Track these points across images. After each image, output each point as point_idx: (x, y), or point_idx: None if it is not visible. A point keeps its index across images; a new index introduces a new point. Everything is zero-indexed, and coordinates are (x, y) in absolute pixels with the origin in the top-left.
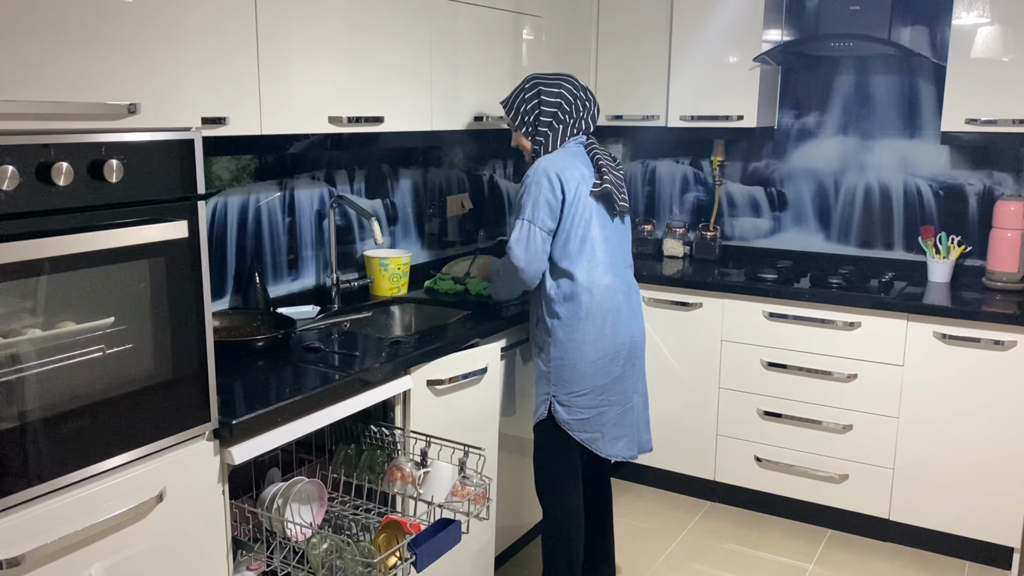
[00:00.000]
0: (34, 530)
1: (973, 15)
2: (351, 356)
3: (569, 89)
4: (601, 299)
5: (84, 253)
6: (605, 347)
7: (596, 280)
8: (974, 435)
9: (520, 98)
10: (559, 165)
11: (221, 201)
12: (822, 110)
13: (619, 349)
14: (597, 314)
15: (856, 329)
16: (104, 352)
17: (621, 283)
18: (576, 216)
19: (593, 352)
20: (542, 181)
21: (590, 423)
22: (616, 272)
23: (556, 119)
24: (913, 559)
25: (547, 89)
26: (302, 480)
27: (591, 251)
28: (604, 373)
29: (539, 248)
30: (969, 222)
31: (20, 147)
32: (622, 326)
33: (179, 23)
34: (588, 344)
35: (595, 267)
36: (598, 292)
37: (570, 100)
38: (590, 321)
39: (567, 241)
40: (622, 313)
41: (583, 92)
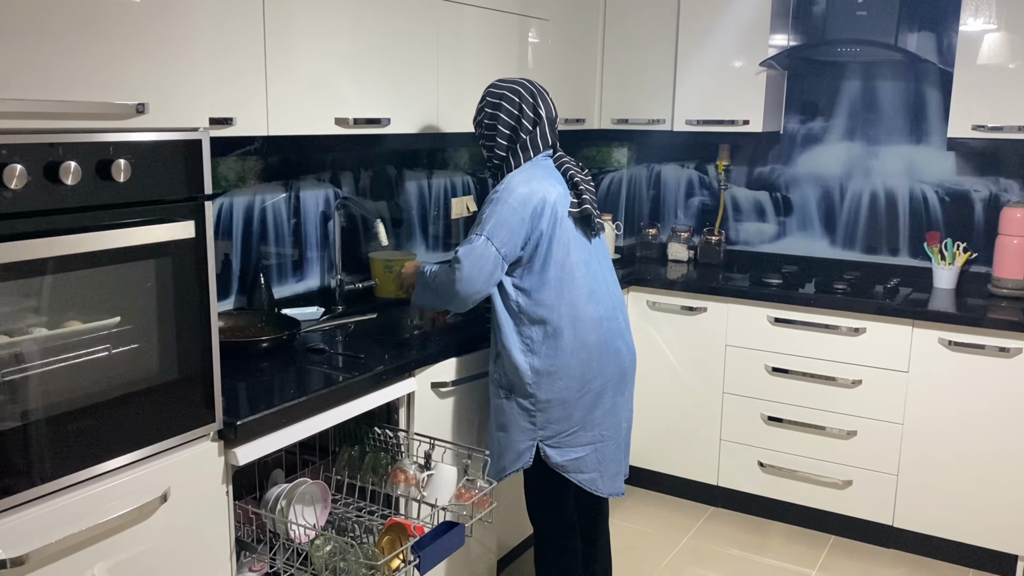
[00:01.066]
0: (38, 530)
1: (980, 21)
2: (355, 358)
3: (524, 99)
4: (585, 331)
5: (91, 252)
6: (592, 381)
7: (579, 311)
8: (979, 442)
9: (478, 107)
10: (532, 185)
11: (227, 201)
12: (828, 115)
13: (607, 381)
14: (582, 348)
15: (861, 335)
16: (110, 352)
17: (606, 308)
18: (554, 241)
19: (580, 387)
20: (511, 201)
21: (586, 462)
22: (599, 299)
23: (502, 133)
24: (917, 566)
25: (491, 100)
26: (306, 482)
27: (571, 279)
28: (593, 408)
29: (488, 270)
30: (975, 228)
31: (28, 146)
32: (609, 356)
33: (187, 23)
34: (575, 380)
35: (577, 297)
36: (581, 324)
37: (520, 113)
38: (575, 356)
39: (545, 269)
40: (608, 343)
41: (537, 98)
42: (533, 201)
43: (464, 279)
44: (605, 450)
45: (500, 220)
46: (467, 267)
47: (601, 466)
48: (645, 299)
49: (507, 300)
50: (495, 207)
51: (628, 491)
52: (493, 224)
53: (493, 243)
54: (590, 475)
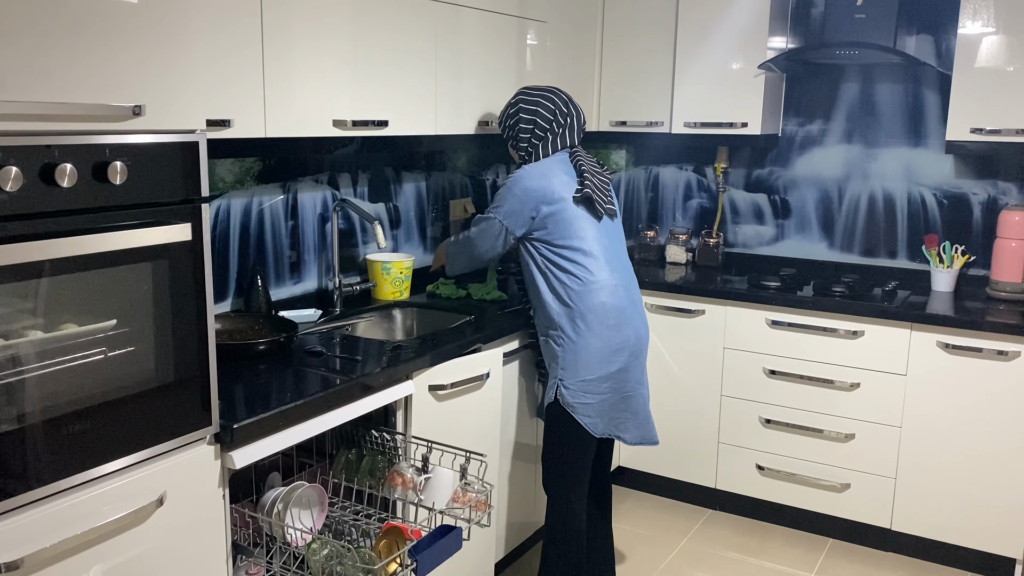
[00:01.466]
0: (34, 534)
1: (979, 24)
2: (353, 360)
3: (546, 106)
4: (604, 293)
5: (87, 255)
6: (610, 340)
7: (598, 276)
8: (977, 445)
9: (506, 112)
10: (540, 174)
11: (224, 203)
12: (826, 118)
13: (624, 343)
14: (601, 310)
15: (859, 338)
16: (106, 355)
17: (622, 278)
18: (562, 220)
19: (599, 343)
20: (514, 189)
21: (594, 408)
22: (615, 268)
23: (534, 135)
24: (914, 569)
25: (526, 106)
26: (303, 485)
27: (587, 250)
28: (608, 363)
29: (494, 237)
30: (973, 231)
31: (24, 148)
32: (626, 322)
33: (184, 25)
34: (594, 337)
35: (596, 263)
36: (600, 287)
37: (547, 117)
38: (595, 315)
39: (563, 241)
40: (626, 309)
41: (565, 106)
42: (535, 192)
43: (476, 240)
44: (613, 400)
45: (503, 203)
46: (478, 232)
47: (603, 415)
48: (643, 301)
49: (534, 260)
50: (502, 191)
51: (626, 493)
52: (498, 204)
53: (498, 218)
54: (593, 420)
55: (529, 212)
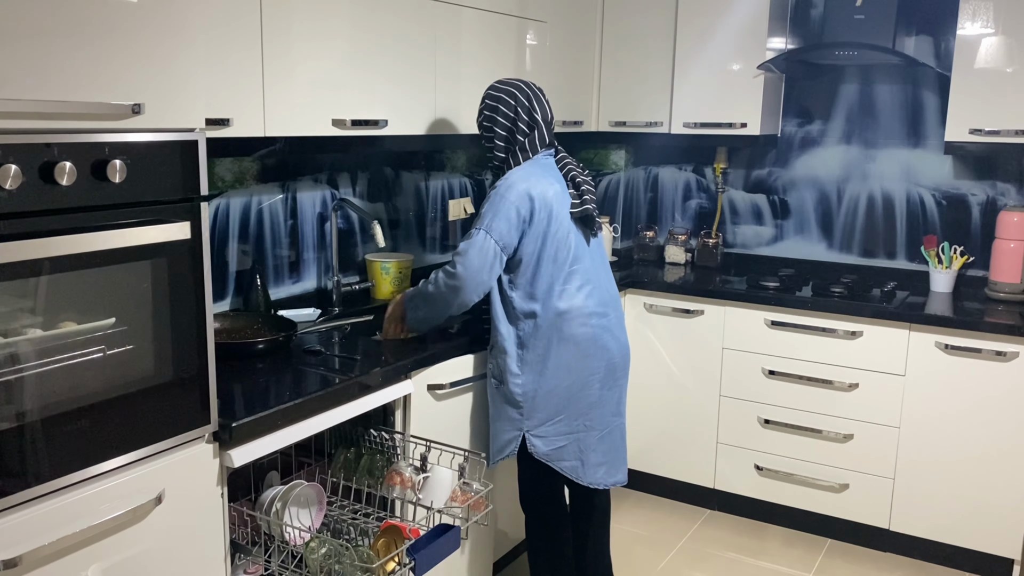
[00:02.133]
0: (32, 531)
1: (978, 26)
2: (351, 359)
3: (518, 97)
4: (575, 324)
5: (86, 253)
6: (578, 374)
7: (571, 304)
8: (975, 446)
9: (480, 107)
10: (531, 183)
11: (223, 203)
12: (826, 118)
13: (592, 374)
14: (570, 340)
15: (858, 338)
16: (105, 353)
17: (598, 303)
18: (550, 236)
19: (567, 378)
20: (509, 196)
21: (567, 451)
22: (593, 293)
23: (511, 130)
24: (912, 570)
25: (489, 103)
26: (301, 484)
27: (565, 274)
28: (577, 399)
29: (488, 262)
30: (972, 232)
31: (23, 146)
32: (598, 350)
33: (184, 24)
34: (562, 370)
35: (569, 290)
36: (571, 317)
37: (509, 114)
38: (563, 347)
39: (539, 263)
40: (598, 337)
41: (534, 100)
42: (530, 197)
43: (466, 274)
44: (588, 439)
45: (498, 214)
46: (468, 260)
47: (583, 455)
48: (642, 301)
49: (503, 294)
50: (493, 203)
51: (625, 494)
52: (491, 219)
53: (492, 236)
54: (572, 463)
55: (524, 220)
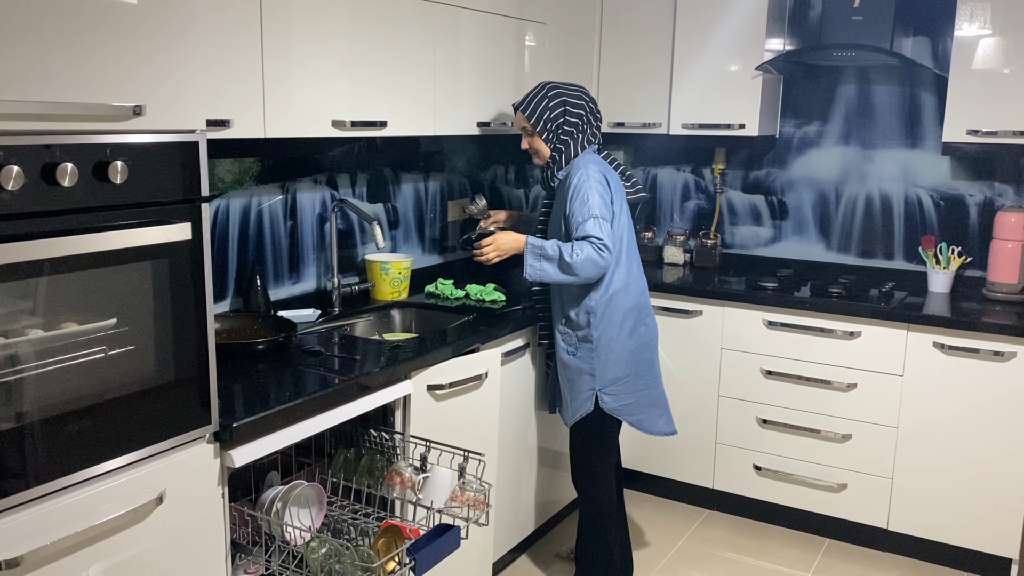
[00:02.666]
0: (33, 531)
1: (975, 27)
2: (351, 360)
3: (587, 102)
4: (635, 294)
5: (87, 254)
6: (640, 337)
7: (632, 277)
8: (973, 446)
9: (544, 105)
10: (600, 167)
11: (223, 204)
12: (824, 119)
13: (651, 338)
14: (634, 309)
15: (856, 339)
16: (106, 353)
17: (642, 275)
18: (616, 217)
19: (631, 343)
20: (595, 184)
21: (634, 406)
22: (640, 268)
23: (578, 129)
24: (911, 569)
25: (571, 100)
26: (301, 484)
27: (627, 250)
28: (639, 360)
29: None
30: (970, 233)
31: (25, 147)
32: (651, 318)
33: (184, 25)
34: (627, 336)
35: (631, 265)
36: (633, 288)
37: (587, 112)
38: (629, 316)
39: (615, 239)
40: (648, 307)
41: (594, 103)
42: (607, 181)
43: (609, 258)
44: (649, 397)
45: (599, 199)
46: (606, 249)
47: (647, 410)
48: None
49: None
50: (588, 191)
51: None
52: (599, 204)
53: (605, 219)
54: (638, 416)
55: (610, 198)
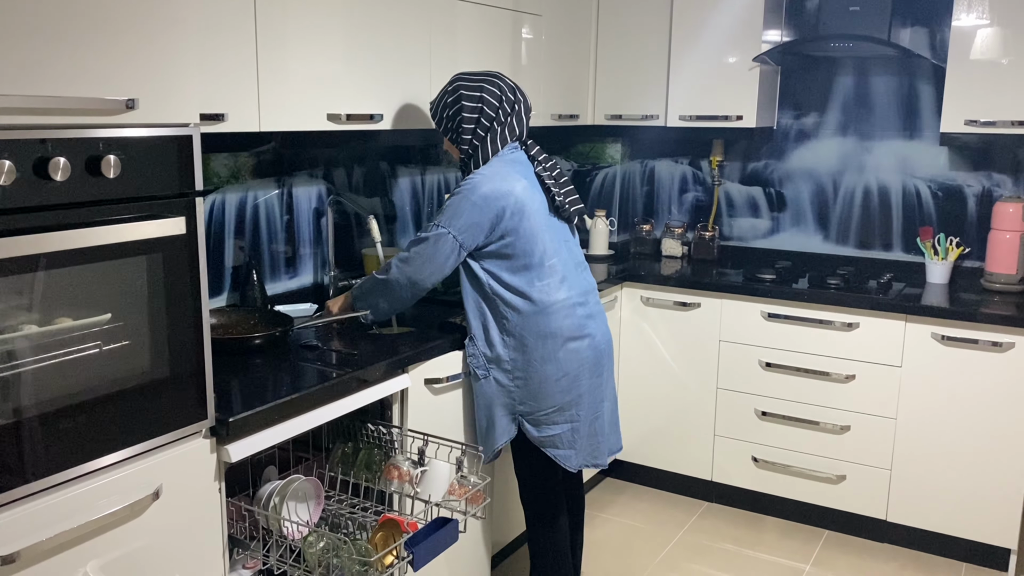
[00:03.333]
0: (29, 527)
1: (973, 17)
2: (348, 354)
3: (492, 91)
4: (559, 317)
5: (81, 249)
6: (568, 366)
7: (552, 298)
8: (972, 436)
9: (442, 102)
10: (496, 183)
11: (219, 198)
12: (821, 111)
13: (583, 364)
14: (557, 333)
15: (854, 330)
16: (100, 349)
17: (578, 294)
18: (522, 233)
19: (556, 372)
20: (471, 198)
21: (561, 439)
22: (572, 283)
23: (480, 125)
24: (910, 560)
25: (468, 93)
26: (299, 478)
27: (542, 268)
28: (569, 391)
29: (443, 255)
30: (968, 223)
31: (17, 142)
32: (583, 340)
33: (177, 18)
34: (550, 364)
35: (549, 284)
36: (555, 310)
37: (494, 103)
38: (550, 341)
39: (514, 258)
40: (583, 326)
41: (510, 93)
42: (496, 199)
43: (419, 260)
44: (580, 429)
45: (459, 213)
46: (423, 247)
47: (575, 444)
48: (639, 295)
49: (479, 285)
50: (456, 200)
51: (622, 486)
52: (451, 215)
53: (451, 232)
54: (565, 451)
55: (489, 223)
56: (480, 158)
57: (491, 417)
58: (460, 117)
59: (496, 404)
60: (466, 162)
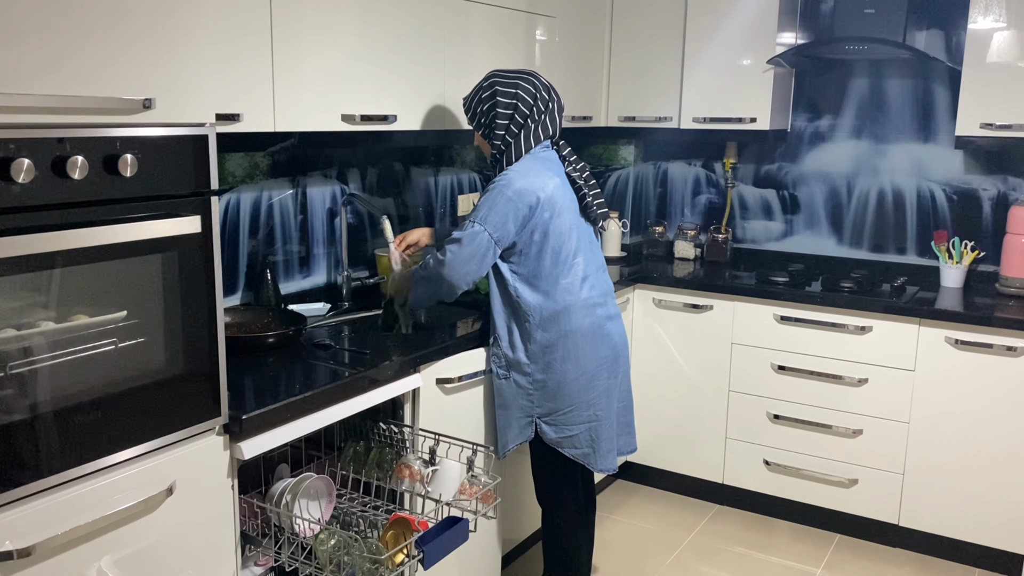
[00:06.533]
0: (45, 521)
1: (989, 19)
2: (361, 354)
3: (527, 88)
4: (580, 316)
5: (98, 247)
6: (586, 365)
7: (575, 297)
8: (985, 441)
9: (477, 97)
10: (530, 179)
11: (234, 197)
12: (836, 113)
13: (601, 364)
14: (577, 332)
15: (867, 333)
16: (116, 346)
17: (599, 294)
18: (550, 232)
19: (575, 371)
20: (506, 193)
21: (580, 439)
22: (593, 283)
23: (514, 122)
24: (922, 565)
25: (503, 90)
26: (311, 476)
27: (568, 267)
28: (587, 390)
29: (480, 254)
30: (983, 227)
31: (36, 140)
32: (603, 340)
33: (194, 18)
34: (570, 363)
35: (573, 283)
36: (576, 309)
37: (528, 101)
38: (570, 340)
39: (540, 257)
40: (602, 326)
41: (545, 92)
42: (529, 194)
43: (455, 261)
44: (599, 429)
45: (494, 208)
46: (460, 247)
47: (595, 443)
48: (651, 297)
49: (504, 286)
50: (491, 196)
51: (633, 488)
52: (486, 211)
53: (486, 229)
54: (584, 451)
55: (523, 218)
56: (512, 155)
57: (507, 418)
58: (494, 113)
59: (514, 406)
60: (497, 159)
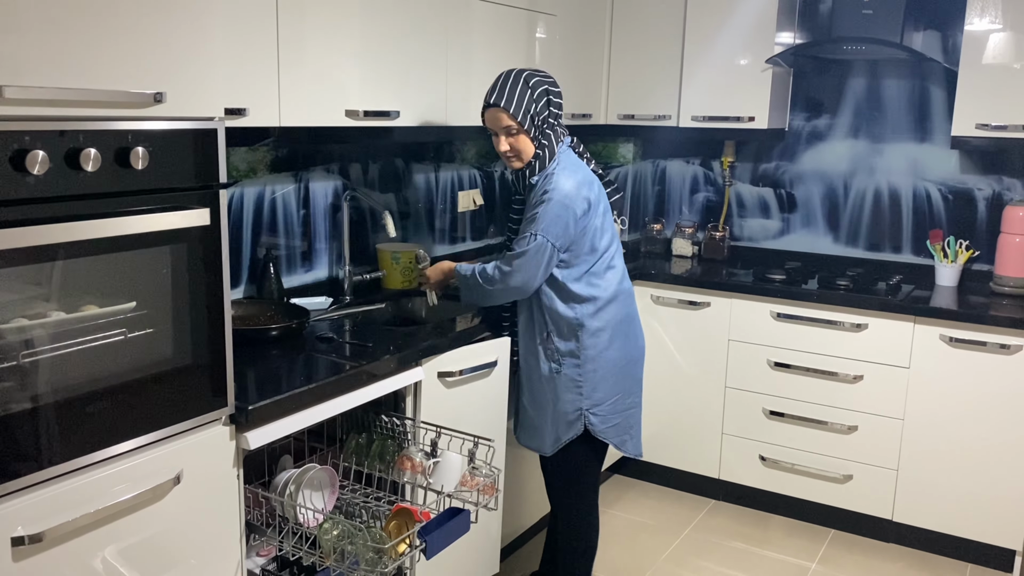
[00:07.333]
0: (55, 509)
1: (985, 21)
2: (363, 347)
3: (556, 87)
4: (622, 306)
5: (108, 238)
6: (628, 352)
7: (619, 287)
8: (978, 438)
9: (528, 98)
10: (578, 178)
11: (238, 192)
12: (833, 113)
13: (639, 353)
14: (624, 321)
15: (863, 331)
16: (125, 336)
17: (630, 284)
18: (597, 228)
19: (620, 359)
20: (563, 200)
21: (620, 427)
22: (626, 274)
23: (559, 121)
24: (915, 560)
25: (552, 89)
26: (314, 467)
27: (609, 258)
28: (627, 377)
29: (544, 265)
30: (978, 227)
31: (50, 133)
32: (638, 330)
33: (204, 14)
34: (615, 351)
35: (615, 274)
36: (621, 299)
37: (559, 101)
38: (618, 329)
39: (590, 252)
40: (636, 317)
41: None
42: (581, 197)
43: (520, 275)
44: (634, 416)
45: (555, 218)
46: (525, 261)
47: (631, 430)
48: (649, 293)
49: (555, 283)
50: (547, 207)
51: (630, 483)
52: (548, 223)
53: (549, 240)
54: (622, 438)
55: (576, 219)
56: (548, 155)
57: (556, 414)
58: (548, 112)
59: (563, 400)
60: (539, 156)
